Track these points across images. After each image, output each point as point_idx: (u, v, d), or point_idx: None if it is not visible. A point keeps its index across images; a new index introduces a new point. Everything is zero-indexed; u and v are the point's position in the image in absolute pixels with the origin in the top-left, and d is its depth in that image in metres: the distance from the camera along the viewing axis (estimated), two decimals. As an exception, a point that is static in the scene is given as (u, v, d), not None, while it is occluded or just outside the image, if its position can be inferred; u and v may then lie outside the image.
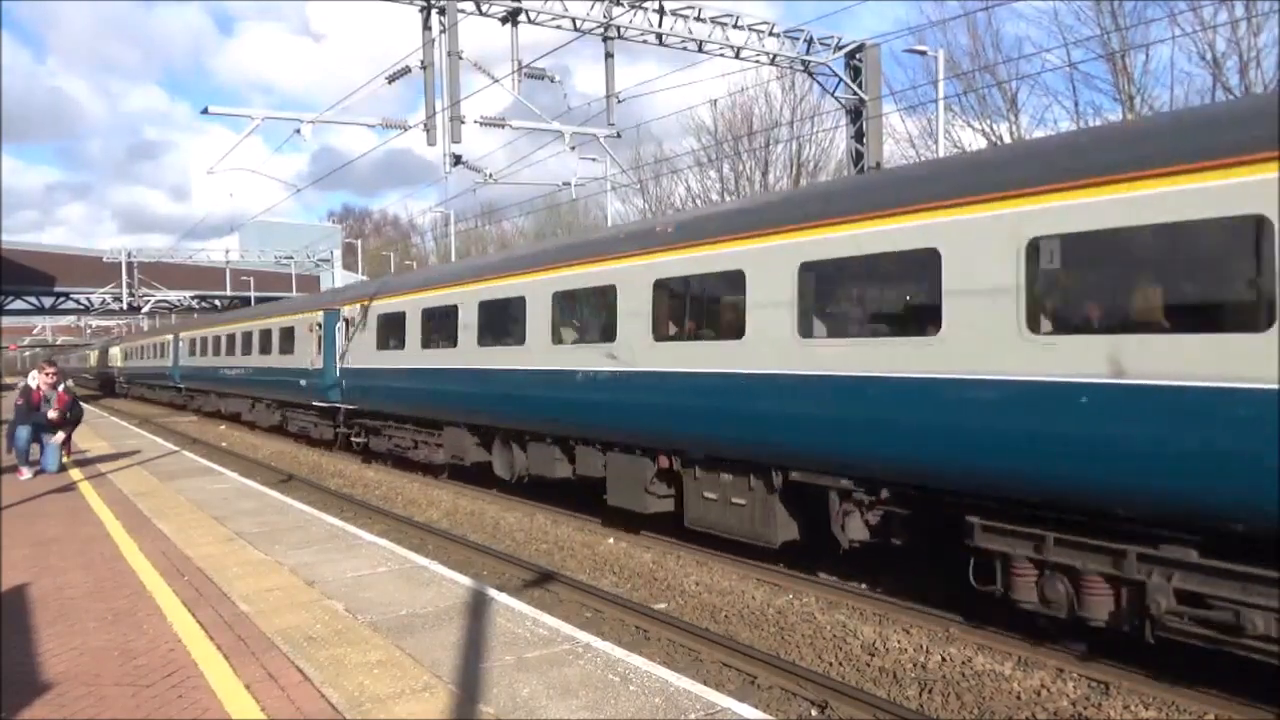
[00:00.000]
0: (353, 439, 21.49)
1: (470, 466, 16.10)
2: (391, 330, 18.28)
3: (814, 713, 6.88)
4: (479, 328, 14.75)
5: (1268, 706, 6.41)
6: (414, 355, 17.09)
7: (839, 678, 7.43)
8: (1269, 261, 5.65)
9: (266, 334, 27.13)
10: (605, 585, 10.44)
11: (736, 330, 9.62)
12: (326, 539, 10.32)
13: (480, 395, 14.64)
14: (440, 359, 16.02)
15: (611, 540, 12.42)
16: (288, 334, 25.02)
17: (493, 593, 7.90)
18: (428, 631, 6.70)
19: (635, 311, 10.98)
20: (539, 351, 12.92)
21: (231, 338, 31.61)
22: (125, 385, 59.60)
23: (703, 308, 10.78)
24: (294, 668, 5.93)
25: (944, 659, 7.65)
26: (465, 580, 8.41)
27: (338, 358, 20.91)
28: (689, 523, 10.78)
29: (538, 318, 13.00)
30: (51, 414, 15.85)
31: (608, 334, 11.50)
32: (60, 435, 16.20)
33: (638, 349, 10.92)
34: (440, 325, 16.27)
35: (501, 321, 14.26)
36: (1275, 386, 5.55)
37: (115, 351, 64.40)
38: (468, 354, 14.97)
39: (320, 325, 22.18)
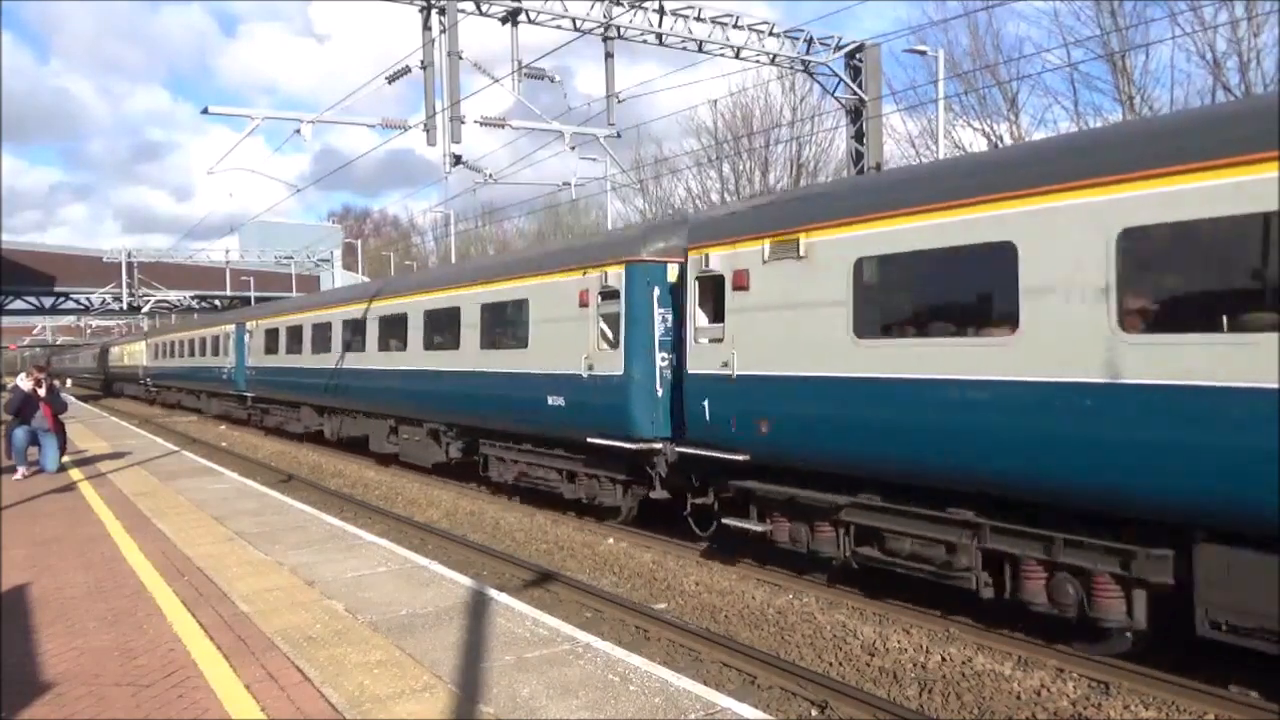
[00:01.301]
0: (723, 519, 10.48)
1: None
2: (943, 292, 8.20)
3: (814, 713, 6.88)
4: None
5: (1268, 706, 6.41)
6: (1088, 349, 6.56)
7: (839, 678, 7.44)
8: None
9: (447, 316, 16.40)
10: (605, 585, 10.44)
11: None
12: (326, 539, 10.32)
13: None
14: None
15: (611, 540, 12.42)
16: (502, 313, 14.78)
17: (493, 593, 7.90)
18: (428, 631, 6.71)
19: None
20: None
21: (355, 324, 20.54)
22: (154, 391, 48.06)
23: None
24: (294, 668, 5.94)
25: (944, 659, 7.65)
26: (465, 580, 8.42)
27: (655, 354, 11.55)
28: None
29: None
30: (41, 390, 16.03)
31: None
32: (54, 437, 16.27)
33: None
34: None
35: None
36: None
37: (139, 348, 51.28)
38: None
39: (615, 292, 11.95)
